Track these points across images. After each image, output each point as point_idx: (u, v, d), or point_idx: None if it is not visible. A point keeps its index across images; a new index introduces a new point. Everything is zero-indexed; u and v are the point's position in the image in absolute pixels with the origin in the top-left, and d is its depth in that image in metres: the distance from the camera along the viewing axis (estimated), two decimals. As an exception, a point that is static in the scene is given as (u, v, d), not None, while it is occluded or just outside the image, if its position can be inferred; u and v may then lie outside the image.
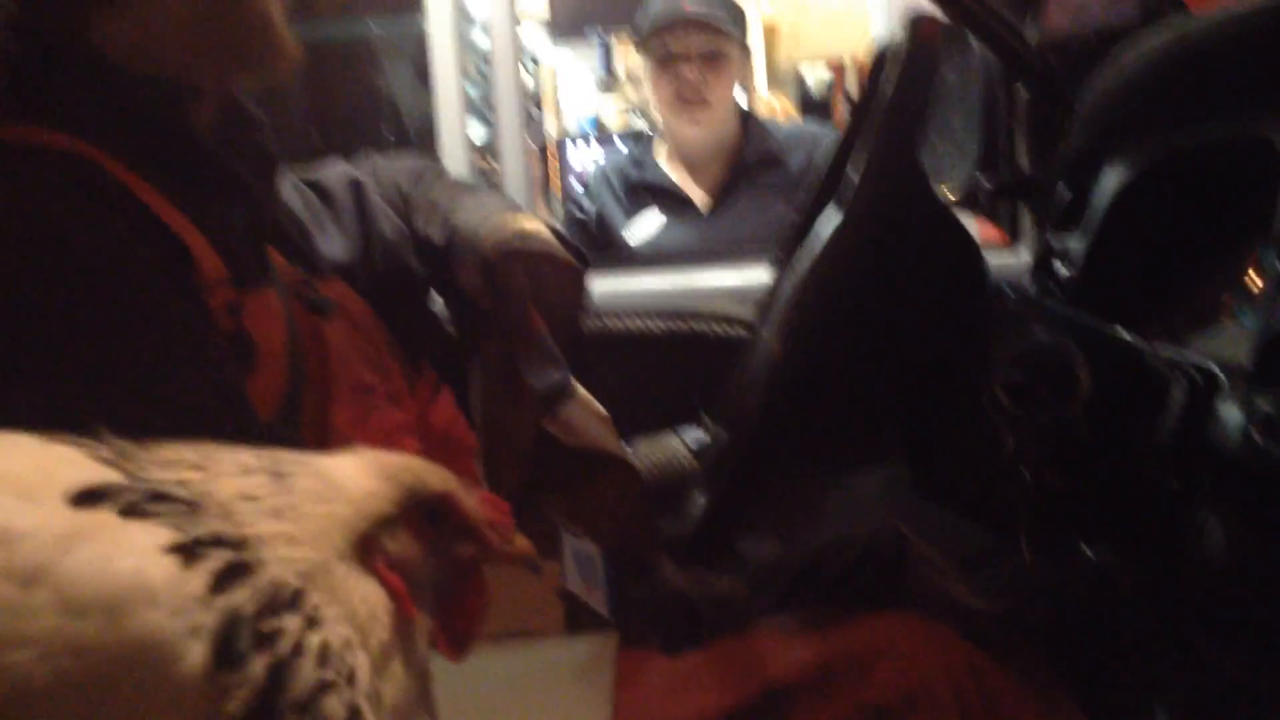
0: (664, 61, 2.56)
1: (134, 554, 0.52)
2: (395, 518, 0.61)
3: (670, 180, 2.61)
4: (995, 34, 1.54)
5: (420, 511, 0.63)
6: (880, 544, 1.29)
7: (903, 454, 1.16)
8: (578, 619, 1.01)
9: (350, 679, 0.55)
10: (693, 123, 2.55)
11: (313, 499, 0.59)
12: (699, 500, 1.24)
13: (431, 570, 0.63)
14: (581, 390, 1.47)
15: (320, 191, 1.52)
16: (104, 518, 0.54)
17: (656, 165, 2.64)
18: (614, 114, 6.54)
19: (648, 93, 2.69)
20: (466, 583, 0.66)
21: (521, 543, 0.68)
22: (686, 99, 2.53)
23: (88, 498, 0.55)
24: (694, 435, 1.84)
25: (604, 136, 6.06)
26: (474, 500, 0.66)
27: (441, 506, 0.64)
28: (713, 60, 2.53)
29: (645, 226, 2.56)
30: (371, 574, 0.59)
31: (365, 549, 0.59)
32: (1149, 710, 1.17)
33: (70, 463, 0.57)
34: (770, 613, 1.22)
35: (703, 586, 1.28)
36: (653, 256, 2.32)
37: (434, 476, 0.64)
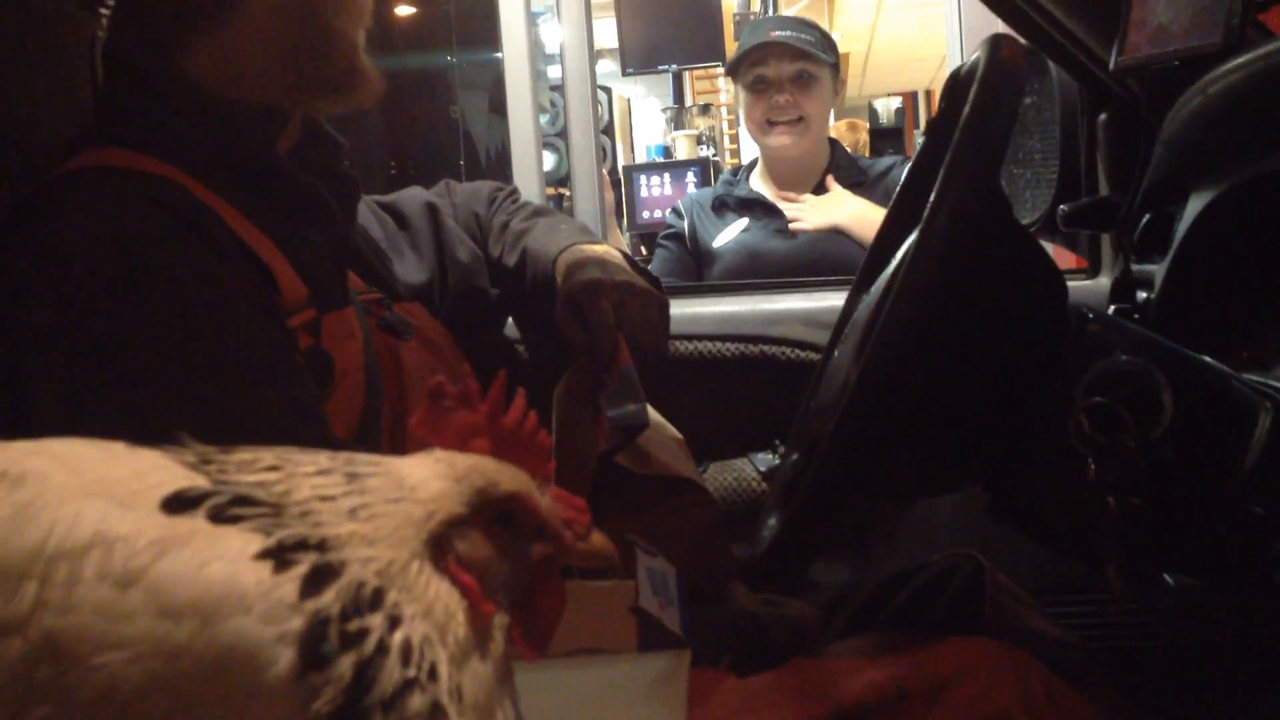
0: (755, 87, 2.65)
1: (227, 560, 0.53)
2: (466, 518, 0.61)
3: (758, 192, 2.70)
4: (1074, 58, 1.53)
5: (492, 511, 0.63)
6: (955, 570, 1.27)
7: (981, 479, 1.14)
8: (650, 637, 1.00)
9: (432, 675, 0.55)
10: (784, 140, 2.64)
11: (385, 499, 0.60)
12: (771, 523, 1.23)
13: (505, 570, 0.63)
14: (656, 415, 1.47)
15: (397, 216, 1.55)
16: (196, 523, 0.55)
17: (747, 183, 2.75)
18: (683, 143, 6.56)
19: (741, 118, 2.81)
20: (542, 582, 0.66)
21: (598, 540, 0.67)
22: (777, 120, 2.62)
23: (179, 503, 0.56)
24: (764, 459, 1.84)
25: (672, 165, 6.09)
26: (548, 499, 0.66)
27: (513, 506, 0.64)
28: (803, 83, 2.62)
29: (731, 232, 2.66)
30: (444, 573, 0.59)
31: (437, 549, 0.60)
32: (1233, 743, 1.15)
33: (162, 469, 0.59)
34: (843, 636, 1.21)
35: (774, 608, 1.28)
36: (724, 283, 2.34)
37: (505, 476, 0.64)
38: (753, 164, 2.81)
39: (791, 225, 2.57)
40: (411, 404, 1.26)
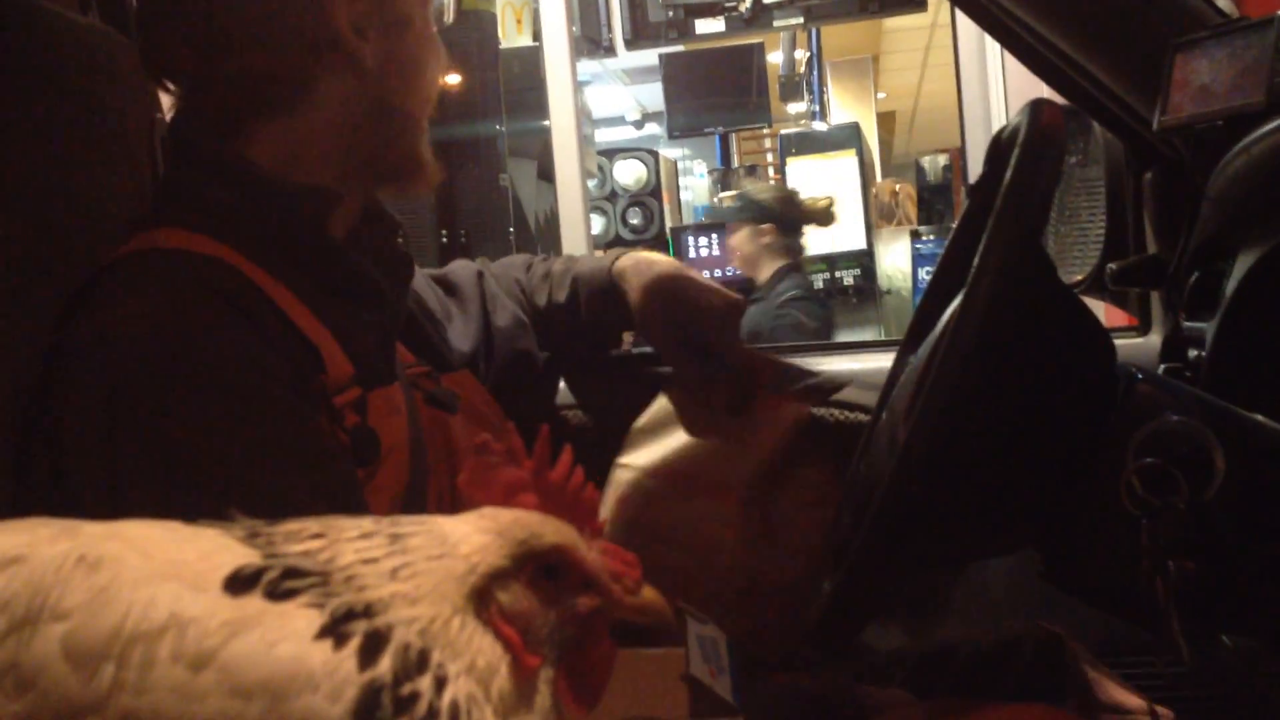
0: None
1: (293, 640, 0.55)
2: (508, 571, 0.62)
3: None
4: (1117, 117, 1.54)
5: (535, 564, 0.63)
6: (1024, 638, 1.26)
7: (1034, 542, 1.14)
8: (702, 705, 1.00)
9: None
10: None
11: (427, 556, 0.61)
12: (824, 588, 1.23)
13: (551, 622, 0.63)
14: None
15: (447, 285, 1.58)
16: (257, 603, 0.57)
17: None
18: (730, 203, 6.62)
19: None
20: (590, 635, 0.66)
21: (649, 594, 0.67)
22: None
23: (239, 583, 0.58)
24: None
25: (721, 226, 6.13)
26: (594, 552, 0.66)
27: (558, 559, 0.64)
28: None
29: None
30: (487, 627, 0.60)
31: (479, 602, 0.61)
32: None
33: (225, 548, 0.61)
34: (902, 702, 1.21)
35: (828, 675, 1.27)
36: (771, 345, 2.35)
37: (549, 529, 0.65)
38: None
39: None
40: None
